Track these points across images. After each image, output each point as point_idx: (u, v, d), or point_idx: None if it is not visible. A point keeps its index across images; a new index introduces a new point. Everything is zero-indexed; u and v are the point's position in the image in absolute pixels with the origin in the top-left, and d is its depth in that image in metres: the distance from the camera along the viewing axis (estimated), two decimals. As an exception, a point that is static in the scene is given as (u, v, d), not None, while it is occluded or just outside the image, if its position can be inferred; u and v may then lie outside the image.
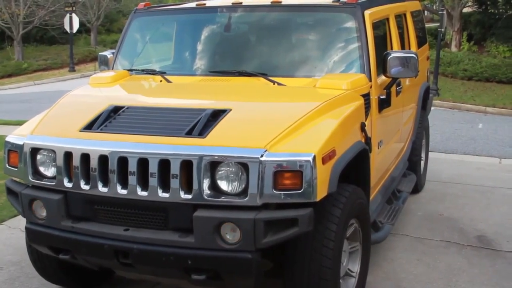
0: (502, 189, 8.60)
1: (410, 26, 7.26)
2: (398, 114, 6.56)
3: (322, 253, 4.29)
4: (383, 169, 6.20)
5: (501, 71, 20.20)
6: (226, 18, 6.10)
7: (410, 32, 7.21)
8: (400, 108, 6.62)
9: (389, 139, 6.22)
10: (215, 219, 4.05)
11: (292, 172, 4.01)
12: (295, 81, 5.38)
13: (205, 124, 4.34)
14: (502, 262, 6.14)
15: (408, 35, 7.19)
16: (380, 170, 6.05)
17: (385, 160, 6.25)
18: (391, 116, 6.18)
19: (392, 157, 6.69)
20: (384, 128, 5.91)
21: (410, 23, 7.32)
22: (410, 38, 7.22)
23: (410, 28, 7.18)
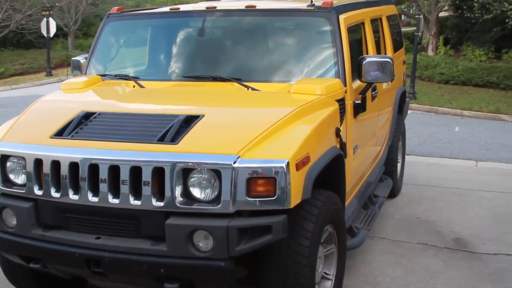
0: (478, 192, 8.62)
1: (386, 30, 7.26)
2: (373, 119, 6.55)
3: (297, 260, 4.25)
4: (358, 174, 6.18)
5: (477, 74, 20.34)
6: (200, 23, 6.06)
7: (386, 37, 7.21)
8: (376, 112, 6.61)
9: (364, 144, 6.20)
10: (188, 226, 3.99)
11: (266, 179, 3.97)
12: (270, 86, 5.34)
13: (177, 130, 4.28)
14: (478, 264, 6.15)
15: (384, 39, 7.18)
16: (356, 175, 6.03)
17: (361, 165, 6.23)
18: (367, 120, 6.16)
19: (368, 162, 6.68)
20: (360, 133, 5.88)
21: (386, 27, 7.32)
22: (386, 43, 7.22)
23: (386, 33, 7.18)
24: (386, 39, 7.11)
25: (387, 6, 7.45)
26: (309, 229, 4.30)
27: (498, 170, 10.29)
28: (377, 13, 7.04)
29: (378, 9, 7.11)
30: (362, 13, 6.40)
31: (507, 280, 5.79)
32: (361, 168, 6.28)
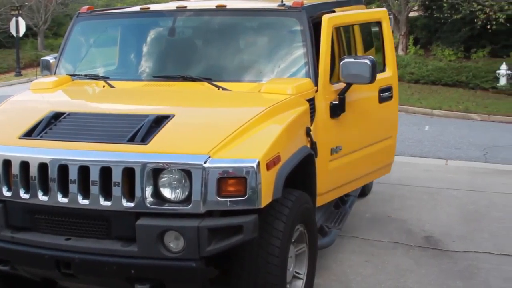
0: (448, 190, 8.69)
1: (357, 30, 7.27)
2: (374, 120, 6.38)
3: (268, 260, 4.26)
4: (350, 176, 6.14)
5: (446, 74, 20.51)
6: (170, 22, 6.05)
7: (357, 36, 7.22)
8: (381, 114, 6.48)
9: (356, 146, 6.09)
10: (158, 227, 3.98)
11: (236, 179, 3.97)
12: (240, 86, 5.34)
13: (147, 130, 4.27)
14: (448, 262, 6.20)
15: (355, 39, 7.20)
16: (344, 177, 6.00)
17: (353, 167, 6.13)
18: (360, 122, 6.09)
19: (370, 164, 6.55)
20: (345, 134, 5.81)
21: (356, 27, 7.33)
22: (357, 42, 7.23)
23: (356, 32, 7.19)
24: (356, 39, 7.12)
25: (357, 5, 7.47)
26: (279, 229, 4.31)
27: (468, 168, 10.38)
28: (366, 17, 7.04)
29: (349, 8, 7.12)
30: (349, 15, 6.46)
31: (477, 278, 5.84)
32: (354, 170, 6.19)
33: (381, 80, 6.18)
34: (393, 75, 6.54)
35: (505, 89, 19.53)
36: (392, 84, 6.48)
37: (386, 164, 6.85)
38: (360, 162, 6.24)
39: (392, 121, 6.73)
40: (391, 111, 6.60)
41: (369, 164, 6.47)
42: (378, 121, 6.43)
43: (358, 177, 6.35)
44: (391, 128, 6.74)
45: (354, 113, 5.86)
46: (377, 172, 6.77)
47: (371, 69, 5.31)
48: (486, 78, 20.08)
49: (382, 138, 6.54)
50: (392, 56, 6.56)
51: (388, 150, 6.73)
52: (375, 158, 6.51)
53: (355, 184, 6.44)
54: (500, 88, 19.64)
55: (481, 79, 20.13)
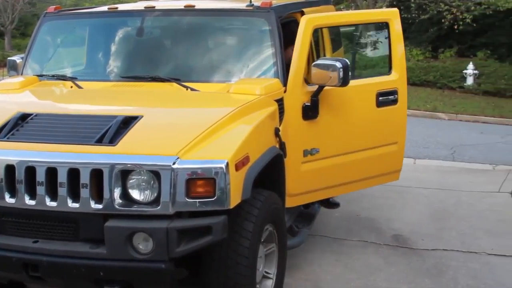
0: (417, 189, 8.76)
1: (325, 30, 7.29)
2: (362, 125, 6.09)
3: (237, 261, 4.25)
4: (337, 179, 6.04)
5: (414, 74, 20.66)
6: (138, 22, 6.02)
7: (325, 37, 7.24)
8: (373, 119, 6.15)
9: (338, 150, 5.94)
10: (127, 229, 3.96)
11: (205, 180, 3.96)
12: (209, 86, 5.34)
13: (116, 131, 4.24)
14: (417, 260, 6.25)
15: (323, 39, 7.22)
16: (327, 180, 5.93)
17: (340, 171, 6.01)
18: (345, 126, 5.93)
19: (364, 170, 6.26)
20: (324, 137, 5.74)
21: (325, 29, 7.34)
22: (325, 43, 7.25)
23: (324, 33, 7.21)
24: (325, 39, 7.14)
25: (325, 6, 7.49)
26: (249, 229, 4.31)
27: (436, 167, 10.48)
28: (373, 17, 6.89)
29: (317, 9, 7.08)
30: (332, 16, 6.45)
31: (445, 275, 5.90)
32: (340, 174, 6.04)
33: (382, 83, 6.10)
34: (400, 78, 6.19)
35: (472, 88, 19.74)
36: (398, 87, 6.17)
37: (391, 171, 6.51)
38: (348, 167, 6.04)
39: (398, 126, 6.34)
40: (395, 115, 6.25)
41: (362, 170, 6.21)
42: (375, 125, 6.15)
43: (345, 182, 6.14)
44: (396, 134, 6.35)
45: (337, 116, 5.78)
46: (379, 178, 6.48)
47: (342, 72, 5.23)
48: (453, 77, 20.29)
49: (382, 144, 6.26)
50: (399, 59, 6.23)
51: (392, 156, 6.38)
52: (372, 164, 6.25)
53: (344, 189, 6.29)
54: (467, 88, 19.85)
55: (449, 79, 20.34)
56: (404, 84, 6.24)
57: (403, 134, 6.40)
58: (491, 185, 9.10)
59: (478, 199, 8.31)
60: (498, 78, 19.63)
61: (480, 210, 7.85)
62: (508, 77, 19.53)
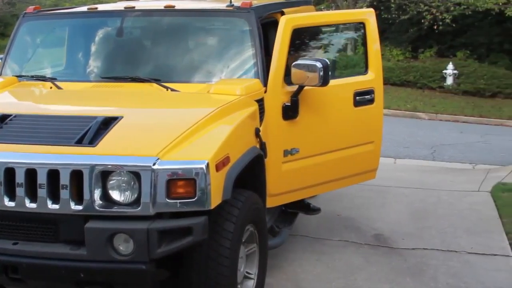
0: (397, 188, 8.80)
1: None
2: (340, 124, 6.11)
3: (218, 261, 4.25)
4: (315, 179, 6.04)
5: (395, 74, 20.76)
6: (118, 22, 5.99)
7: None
8: (351, 118, 6.16)
9: (317, 150, 5.94)
10: (107, 230, 3.94)
11: (186, 180, 3.95)
12: (189, 86, 5.33)
13: (96, 132, 4.22)
14: (398, 259, 6.28)
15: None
16: (306, 179, 5.93)
17: (318, 171, 6.01)
18: (324, 125, 5.94)
19: (340, 169, 6.26)
20: (303, 137, 5.74)
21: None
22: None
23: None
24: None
25: (306, 6, 7.50)
26: (229, 230, 4.31)
27: (416, 166, 10.54)
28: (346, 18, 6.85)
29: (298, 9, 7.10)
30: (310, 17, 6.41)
31: (425, 274, 5.93)
32: (319, 173, 6.04)
33: (358, 83, 6.10)
34: (376, 78, 6.20)
35: (451, 88, 19.86)
36: (375, 87, 6.19)
37: (367, 170, 6.55)
38: (327, 166, 6.05)
39: (374, 126, 6.37)
40: (372, 115, 6.27)
41: (340, 169, 6.22)
42: (353, 125, 6.17)
43: (324, 181, 6.16)
44: (373, 133, 6.39)
45: (316, 116, 5.79)
46: (355, 177, 6.51)
47: (322, 72, 5.22)
48: (433, 77, 20.40)
49: (359, 143, 6.28)
50: (375, 59, 6.24)
51: (369, 155, 6.42)
52: (350, 163, 6.27)
53: (321, 188, 6.30)
54: (447, 88, 19.97)
55: (429, 79, 20.45)
56: (380, 83, 6.27)
57: (379, 133, 6.44)
58: (471, 184, 9.16)
59: (458, 198, 8.35)
60: (478, 78, 19.76)
61: (460, 209, 7.90)
62: (487, 77, 19.68)
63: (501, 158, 11.83)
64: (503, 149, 12.88)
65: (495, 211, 7.79)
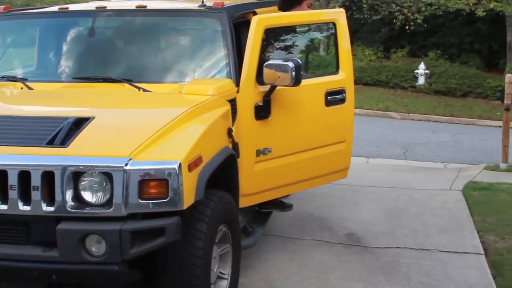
0: (369, 188, 8.84)
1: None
2: (311, 124, 6.08)
3: (191, 262, 4.24)
4: (287, 178, 6.01)
5: (367, 73, 20.88)
6: (90, 22, 5.97)
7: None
8: (322, 118, 6.15)
9: (289, 150, 5.91)
10: (79, 231, 3.92)
11: (158, 181, 3.94)
12: (162, 87, 5.32)
13: (67, 133, 4.19)
14: (370, 258, 6.30)
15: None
16: (279, 179, 5.91)
17: (290, 170, 5.98)
18: (296, 125, 5.91)
19: (312, 169, 6.23)
20: (276, 137, 5.72)
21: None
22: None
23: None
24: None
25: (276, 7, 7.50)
26: (202, 230, 4.30)
27: (388, 166, 10.60)
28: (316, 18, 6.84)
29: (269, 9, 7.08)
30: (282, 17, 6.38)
31: (398, 272, 5.96)
32: (291, 173, 6.01)
33: (330, 82, 6.09)
34: (347, 77, 6.19)
35: (423, 88, 20.03)
36: (346, 86, 6.18)
37: (339, 169, 6.53)
38: (299, 166, 6.04)
39: (346, 125, 6.37)
40: (343, 114, 6.27)
41: (312, 168, 6.20)
42: (324, 124, 6.15)
43: (296, 181, 6.14)
44: (344, 132, 6.38)
45: (288, 116, 5.77)
46: (327, 176, 6.50)
47: (294, 71, 5.21)
48: (405, 77, 20.55)
49: (330, 142, 6.26)
50: (346, 59, 6.23)
51: (340, 155, 6.40)
52: (321, 162, 6.24)
53: (293, 188, 6.27)
54: (418, 87, 20.13)
55: (401, 79, 20.60)
56: (351, 83, 6.27)
57: (350, 132, 6.45)
58: (443, 183, 9.23)
59: (430, 197, 8.41)
60: (449, 77, 19.96)
61: (432, 208, 7.95)
62: (459, 76, 19.88)
63: (472, 157, 11.97)
64: (474, 148, 13.02)
65: (467, 209, 7.86)
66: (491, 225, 7.19)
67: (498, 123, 14.38)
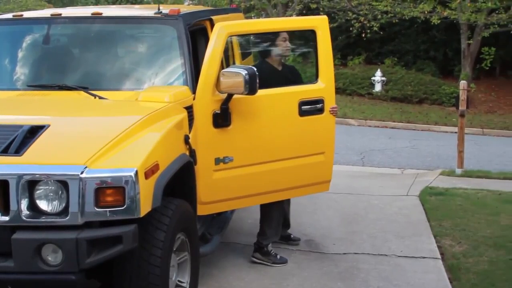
0: (328, 194, 8.78)
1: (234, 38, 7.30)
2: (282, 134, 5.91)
3: (149, 270, 4.22)
4: (254, 188, 5.88)
5: (326, 80, 20.93)
6: (45, 30, 5.91)
7: (234, 44, 7.27)
8: (295, 128, 5.97)
9: (255, 159, 5.78)
10: (35, 240, 3.88)
11: (114, 189, 3.92)
12: (118, 94, 5.29)
13: (22, 141, 4.14)
14: (329, 264, 6.33)
15: (232, 47, 7.24)
16: (243, 189, 5.80)
17: (258, 180, 5.85)
18: (263, 134, 5.78)
19: (286, 179, 6.05)
20: (238, 145, 5.63)
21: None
22: (234, 50, 7.28)
23: (233, 40, 7.24)
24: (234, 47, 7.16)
25: (235, 14, 7.53)
26: (160, 238, 4.28)
27: (346, 172, 10.63)
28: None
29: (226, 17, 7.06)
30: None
31: (356, 278, 5.99)
32: (258, 183, 5.86)
33: (305, 91, 5.95)
34: (327, 87, 6.02)
35: (380, 95, 20.18)
36: (325, 96, 6.00)
37: (318, 181, 6.31)
38: (268, 176, 5.87)
39: (324, 136, 6.17)
40: (321, 125, 6.08)
41: (284, 179, 5.99)
42: (297, 135, 5.95)
43: (266, 191, 5.96)
44: (323, 144, 6.17)
45: (253, 125, 5.66)
46: (304, 188, 6.28)
47: (249, 80, 5.14)
48: (362, 84, 20.69)
49: (306, 154, 6.04)
50: (327, 68, 6.06)
51: (319, 167, 6.19)
52: (295, 173, 6.03)
53: (264, 198, 6.05)
54: (375, 94, 20.28)
55: (358, 86, 20.72)
56: (332, 93, 6.09)
57: (331, 144, 6.23)
58: (400, 188, 9.32)
59: (387, 203, 8.48)
60: (405, 84, 20.14)
61: (389, 213, 8.03)
62: (414, 83, 20.08)
63: (428, 163, 12.10)
64: (430, 154, 13.16)
65: (424, 214, 7.95)
66: (448, 230, 7.29)
67: (453, 129, 14.58)
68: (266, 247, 6.33)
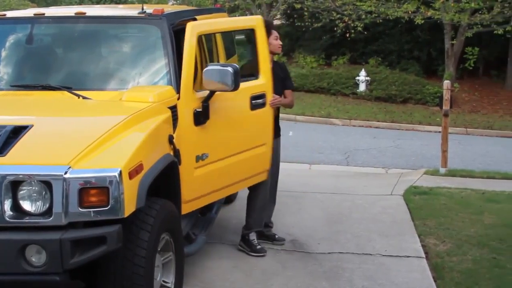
0: (312, 194, 8.89)
1: (218, 37, 7.32)
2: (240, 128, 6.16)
3: (133, 270, 4.21)
4: (221, 182, 6.00)
5: (309, 80, 20.99)
6: (28, 30, 5.87)
7: (218, 44, 7.28)
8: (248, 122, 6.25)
9: (222, 154, 5.91)
10: (19, 241, 3.86)
11: (98, 189, 3.91)
12: (102, 94, 5.27)
13: (5, 141, 4.12)
14: (313, 264, 6.34)
15: (217, 46, 7.25)
16: (213, 184, 5.89)
17: (223, 175, 5.98)
18: (228, 130, 5.95)
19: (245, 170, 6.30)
20: (211, 142, 5.70)
21: (217, 34, 7.36)
22: (219, 50, 7.29)
23: (218, 40, 7.25)
24: (218, 46, 7.17)
25: (219, 13, 7.51)
26: (144, 239, 4.27)
27: (330, 172, 10.69)
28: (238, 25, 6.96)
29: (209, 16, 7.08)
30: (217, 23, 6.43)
31: (341, 277, 6.01)
32: (223, 177, 6.01)
33: (253, 87, 6.13)
34: (267, 82, 6.28)
35: (364, 94, 20.25)
36: (266, 91, 6.26)
37: (260, 171, 6.52)
38: (230, 170, 6.06)
39: (266, 128, 6.44)
40: (264, 118, 6.35)
41: (239, 172, 6.23)
42: (250, 128, 6.27)
43: (228, 184, 6.16)
44: (265, 135, 6.44)
45: (222, 121, 5.78)
46: (251, 179, 6.49)
47: (234, 76, 5.25)
48: (346, 84, 20.74)
49: (254, 146, 6.32)
50: (265, 64, 6.30)
51: (262, 157, 6.43)
52: (247, 165, 6.28)
53: (225, 192, 6.26)
54: (359, 94, 20.34)
55: (342, 85, 20.78)
56: (270, 87, 6.35)
57: (270, 135, 6.50)
58: (384, 188, 9.36)
59: (372, 202, 8.51)
60: (389, 84, 20.22)
61: (374, 213, 8.05)
62: (398, 83, 20.17)
63: (412, 162, 12.16)
64: (414, 153, 13.24)
65: (408, 214, 7.99)
66: (432, 229, 7.33)
67: (437, 128, 14.66)
68: (247, 236, 6.63)
